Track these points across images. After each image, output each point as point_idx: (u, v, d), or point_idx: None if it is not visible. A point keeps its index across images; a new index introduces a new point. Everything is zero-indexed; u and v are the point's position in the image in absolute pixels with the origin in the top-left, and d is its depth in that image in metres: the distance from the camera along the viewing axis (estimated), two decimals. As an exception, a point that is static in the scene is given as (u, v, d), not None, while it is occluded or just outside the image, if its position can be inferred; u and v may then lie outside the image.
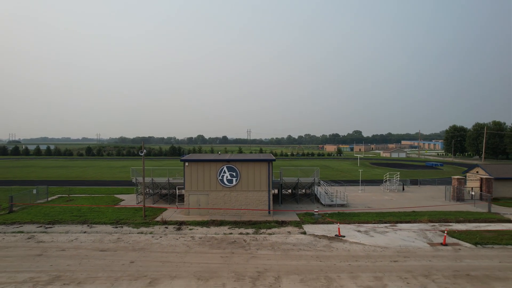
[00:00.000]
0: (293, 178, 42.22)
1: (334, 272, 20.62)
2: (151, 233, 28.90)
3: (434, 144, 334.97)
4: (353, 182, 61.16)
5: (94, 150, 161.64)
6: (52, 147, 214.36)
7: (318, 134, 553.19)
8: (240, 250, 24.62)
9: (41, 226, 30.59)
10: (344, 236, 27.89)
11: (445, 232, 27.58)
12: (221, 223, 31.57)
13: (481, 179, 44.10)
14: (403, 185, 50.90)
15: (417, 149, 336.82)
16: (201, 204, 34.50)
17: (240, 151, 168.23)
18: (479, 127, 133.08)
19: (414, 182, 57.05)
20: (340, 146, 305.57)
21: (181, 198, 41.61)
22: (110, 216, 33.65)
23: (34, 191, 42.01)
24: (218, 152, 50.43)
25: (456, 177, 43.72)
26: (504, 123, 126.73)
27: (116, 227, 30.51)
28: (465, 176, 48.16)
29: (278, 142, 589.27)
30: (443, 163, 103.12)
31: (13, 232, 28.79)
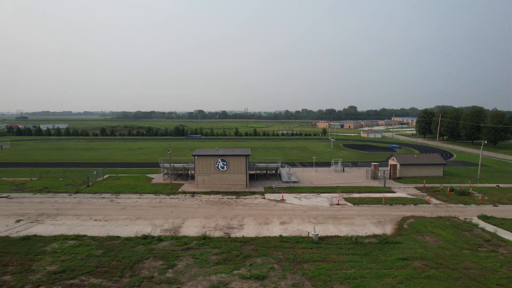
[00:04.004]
0: (264, 164, 64.05)
1: (271, 216, 42.70)
2: (177, 198, 51.00)
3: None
4: (316, 165, 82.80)
5: (108, 130, 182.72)
6: (63, 126, 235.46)
7: (315, 108, 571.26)
8: (226, 206, 46.74)
9: (112, 195, 52.66)
10: (285, 200, 50.01)
11: (338, 197, 49.87)
12: (217, 193, 53.64)
13: (390, 164, 65.94)
14: (343, 167, 72.77)
15: (405, 125, 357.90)
16: (205, 181, 56.48)
17: (237, 132, 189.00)
18: (442, 112, 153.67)
19: (356, 164, 78.90)
20: (332, 123, 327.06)
21: (192, 177, 63.42)
22: (150, 189, 55.68)
23: (95, 172, 63.87)
24: (215, 148, 71.23)
25: (373, 163, 65.62)
26: (462, 111, 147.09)
27: (156, 195, 52.58)
28: (387, 161, 69.75)
29: (275, 117, 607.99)
30: (401, 146, 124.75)
31: (100, 198, 50.91)
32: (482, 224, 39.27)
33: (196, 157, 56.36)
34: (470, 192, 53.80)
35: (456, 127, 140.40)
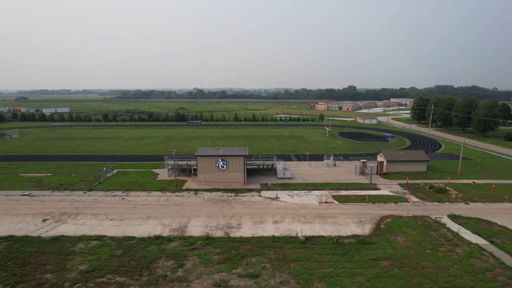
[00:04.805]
0: (261, 161, 69.39)
1: (265, 214, 48.40)
2: (182, 196, 56.59)
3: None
4: (310, 157, 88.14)
5: (110, 116, 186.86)
6: (66, 110, 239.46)
7: (315, 87, 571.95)
8: (226, 205, 52.39)
9: (123, 192, 58.21)
10: (279, 198, 55.64)
11: (327, 196, 55.55)
12: (217, 190, 59.23)
13: (378, 161, 71.26)
14: (334, 162, 78.19)
15: (403, 106, 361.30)
16: (207, 179, 61.97)
17: (236, 117, 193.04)
18: (436, 100, 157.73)
19: (347, 158, 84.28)
20: (330, 104, 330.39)
21: (194, 172, 68.80)
22: (156, 186, 61.19)
23: (104, 169, 69.21)
24: (216, 147, 76.14)
25: (362, 160, 70.92)
26: (456, 99, 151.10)
27: (163, 192, 58.16)
28: (375, 157, 75.05)
29: (275, 97, 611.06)
30: (394, 135, 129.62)
31: (112, 195, 56.46)
32: (449, 223, 45.02)
33: (198, 157, 61.59)
34: (447, 189, 59.34)
35: (448, 115, 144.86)
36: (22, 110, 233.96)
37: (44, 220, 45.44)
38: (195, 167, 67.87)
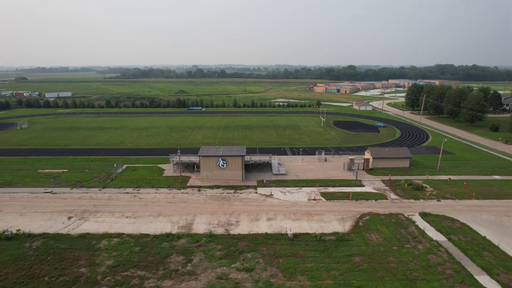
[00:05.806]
0: (257, 160, 76.09)
1: (260, 212, 55.55)
2: (187, 193, 63.60)
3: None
4: (304, 151, 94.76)
5: (112, 102, 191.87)
6: (68, 94, 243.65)
7: (314, 64, 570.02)
8: (226, 202, 59.47)
9: (134, 189, 65.16)
10: (273, 195, 62.71)
11: (315, 193, 62.63)
12: (218, 187, 66.23)
13: (364, 158, 77.96)
14: (325, 157, 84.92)
15: (401, 88, 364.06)
16: (209, 176, 68.88)
17: (235, 103, 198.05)
18: (429, 89, 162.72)
19: (338, 152, 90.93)
20: (329, 86, 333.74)
21: (197, 168, 75.57)
22: (164, 183, 68.13)
23: (115, 165, 75.94)
24: (216, 146, 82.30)
25: (350, 157, 77.65)
26: (450, 87, 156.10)
27: (169, 189, 65.15)
28: (364, 153, 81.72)
29: (274, 76, 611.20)
30: (385, 125, 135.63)
31: (124, 193, 63.44)
32: (418, 221, 52.20)
33: (201, 157, 68.25)
34: (424, 186, 66.32)
35: (441, 103, 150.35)
36: (25, 94, 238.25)
37: (69, 218, 52.59)
38: (197, 163, 74.57)
